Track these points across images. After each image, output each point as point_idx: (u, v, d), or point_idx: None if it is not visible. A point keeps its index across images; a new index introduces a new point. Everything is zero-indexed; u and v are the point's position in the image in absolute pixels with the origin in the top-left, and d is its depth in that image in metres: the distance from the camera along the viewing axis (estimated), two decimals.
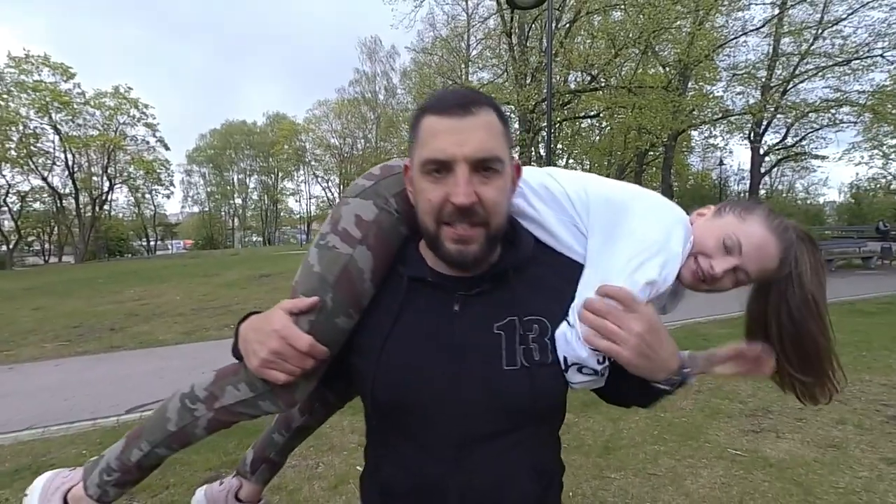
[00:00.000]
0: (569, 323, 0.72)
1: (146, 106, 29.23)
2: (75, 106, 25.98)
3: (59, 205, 28.12)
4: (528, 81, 15.69)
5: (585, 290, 0.73)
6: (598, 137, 23.17)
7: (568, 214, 0.80)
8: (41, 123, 25.02)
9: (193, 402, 0.79)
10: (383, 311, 0.76)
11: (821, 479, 2.60)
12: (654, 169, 23.57)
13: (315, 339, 0.71)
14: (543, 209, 0.81)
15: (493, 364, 0.70)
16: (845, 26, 15.88)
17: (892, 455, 2.83)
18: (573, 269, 0.78)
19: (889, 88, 16.07)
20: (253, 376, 0.74)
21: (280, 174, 48.34)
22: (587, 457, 2.90)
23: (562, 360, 0.72)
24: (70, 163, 26.80)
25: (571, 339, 0.71)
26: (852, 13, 15.49)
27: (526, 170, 0.83)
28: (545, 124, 11.58)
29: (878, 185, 33.30)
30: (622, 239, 0.74)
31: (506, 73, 17.74)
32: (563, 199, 0.80)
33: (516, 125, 17.23)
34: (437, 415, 0.71)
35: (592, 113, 18.05)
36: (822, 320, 0.78)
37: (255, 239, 52.02)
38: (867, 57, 15.78)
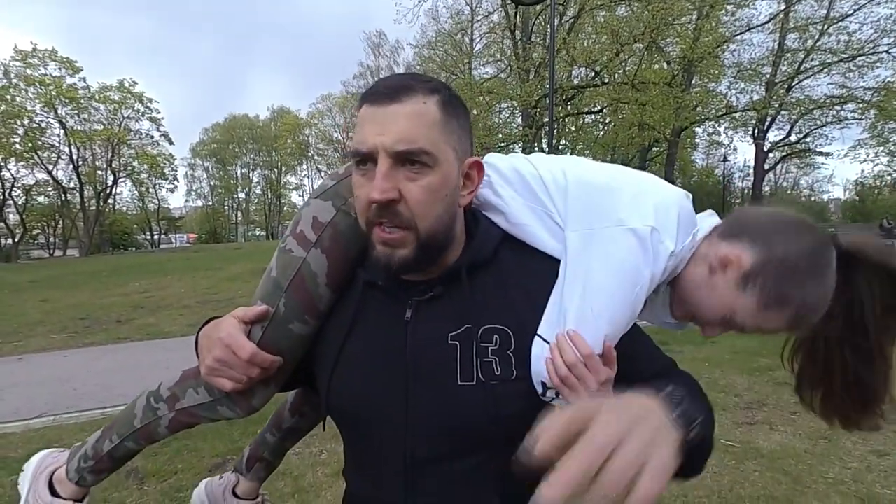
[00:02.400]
0: (546, 340, 0.63)
1: (150, 100, 29.34)
2: (81, 101, 26.08)
3: (63, 198, 28.31)
4: (531, 77, 15.71)
5: (568, 302, 0.62)
6: (601, 133, 23.16)
7: (540, 201, 0.69)
8: (47, 117, 25.18)
9: (157, 401, 0.80)
10: (339, 320, 0.72)
11: (811, 469, 2.66)
12: (657, 165, 23.54)
13: (267, 346, 0.69)
14: (511, 196, 0.71)
15: (447, 380, 0.63)
16: (851, 22, 15.84)
17: (882, 447, 2.88)
18: (547, 267, 0.68)
19: (893, 84, 16.02)
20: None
21: (283, 168, 48.49)
22: None
23: (539, 385, 0.63)
24: (75, 157, 26.94)
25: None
26: (858, 9, 15.44)
27: (498, 156, 0.76)
28: (548, 119, 11.60)
29: (884, 183, 33.17)
30: (605, 238, 0.63)
31: (509, 69, 17.73)
32: (535, 182, 0.70)
33: (519, 120, 17.25)
34: (385, 435, 0.67)
35: (595, 109, 18.03)
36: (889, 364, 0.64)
37: (258, 233, 52.20)
38: (872, 53, 15.72)
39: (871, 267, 0.62)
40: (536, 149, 16.43)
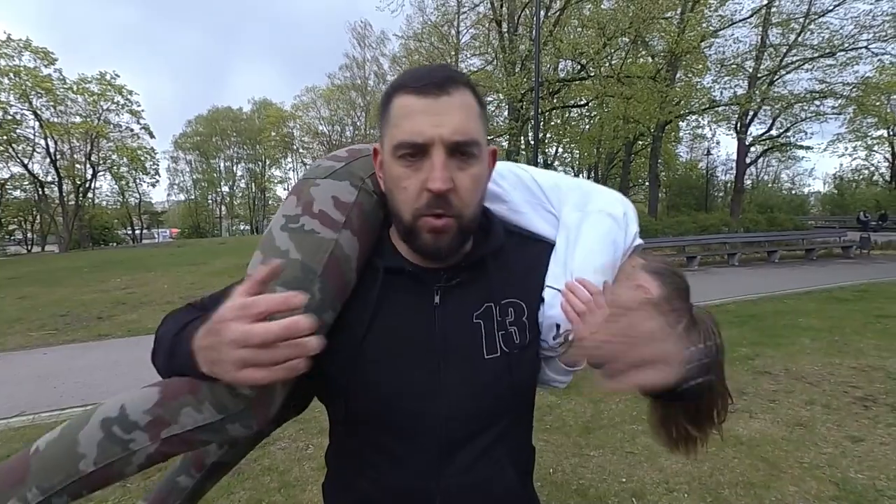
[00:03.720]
0: (557, 289, 0.73)
1: (130, 92, 28.53)
2: (57, 92, 25.29)
3: (41, 193, 27.52)
4: (517, 69, 15.65)
5: (572, 259, 0.76)
6: (587, 126, 23.23)
7: (536, 197, 0.85)
8: (21, 109, 24.38)
9: (128, 430, 0.58)
10: (357, 308, 0.69)
11: (787, 455, 2.74)
12: (642, 159, 23.73)
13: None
14: (511, 190, 0.85)
15: (476, 357, 0.68)
16: (832, 18, 16.07)
17: (857, 433, 2.98)
18: (540, 250, 0.79)
19: (874, 80, 16.33)
20: (222, 395, 0.58)
21: (268, 162, 47.80)
22: (568, 436, 3.01)
23: (552, 328, 0.72)
24: (52, 150, 26.18)
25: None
26: (839, 4, 15.66)
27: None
28: (534, 113, 11.59)
29: (861, 177, 33.98)
30: (594, 218, 0.80)
31: (495, 61, 17.66)
32: (530, 183, 0.86)
33: (505, 113, 17.21)
34: (420, 421, 0.67)
35: (581, 102, 18.07)
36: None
37: (242, 227, 51.47)
38: (852, 49, 15.99)
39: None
40: (522, 141, 16.46)
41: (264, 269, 0.53)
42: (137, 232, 39.19)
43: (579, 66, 16.19)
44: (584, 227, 0.79)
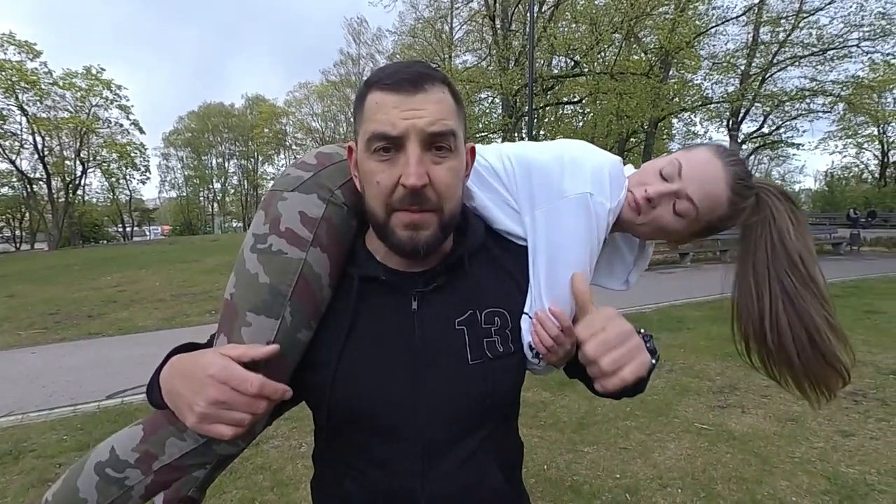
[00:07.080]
0: (531, 317, 0.72)
1: (119, 87, 28.18)
2: (43, 86, 24.90)
3: (29, 190, 27.16)
4: (511, 66, 15.63)
5: (539, 277, 0.72)
6: (581, 123, 23.24)
7: (496, 191, 0.75)
8: (7, 104, 23.99)
9: (120, 469, 0.64)
10: (335, 319, 0.69)
11: (779, 450, 2.76)
12: (635, 156, 23.79)
13: (275, 364, 0.61)
14: (475, 191, 0.76)
15: (459, 362, 0.67)
16: (822, 16, 16.18)
17: (847, 428, 3.01)
18: (521, 252, 0.76)
19: (865, 80, 16.47)
20: None
21: (260, 158, 47.47)
22: (562, 433, 3.02)
23: (528, 351, 0.72)
24: (40, 146, 25.81)
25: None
26: (829, 3, 15.76)
27: None
28: (528, 108, 11.58)
29: (851, 174, 34.31)
30: (553, 214, 0.70)
31: (489, 57, 17.63)
32: (487, 173, 0.76)
33: (500, 110, 17.19)
34: (401, 426, 0.66)
35: (575, 99, 18.08)
36: (815, 286, 0.72)
37: (235, 225, 51.13)
38: (843, 47, 16.11)
39: (773, 193, 0.75)
40: (517, 139, 16.44)
41: (245, 350, 0.59)
42: (128, 229, 38.81)
43: (573, 63, 16.19)
44: (544, 232, 0.71)
